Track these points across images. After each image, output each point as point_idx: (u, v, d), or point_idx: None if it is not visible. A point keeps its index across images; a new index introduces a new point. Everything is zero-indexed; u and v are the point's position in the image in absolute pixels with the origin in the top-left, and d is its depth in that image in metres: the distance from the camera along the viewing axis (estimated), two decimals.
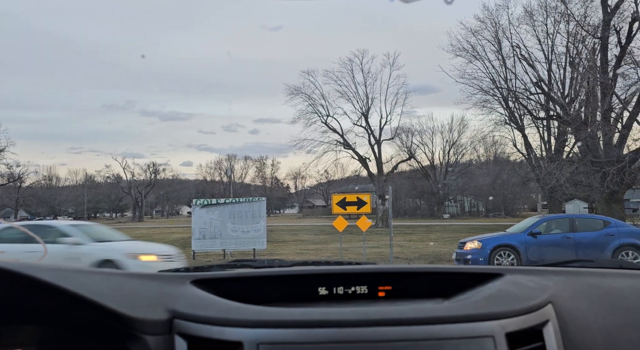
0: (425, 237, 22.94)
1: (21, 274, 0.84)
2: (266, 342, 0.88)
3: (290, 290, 1.13)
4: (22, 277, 0.84)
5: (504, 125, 28.87)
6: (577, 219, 11.38)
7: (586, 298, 1.08)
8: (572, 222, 10.99)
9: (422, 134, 53.97)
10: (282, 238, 23.80)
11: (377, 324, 0.90)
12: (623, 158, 15.21)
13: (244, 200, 14.92)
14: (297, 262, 1.39)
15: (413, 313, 0.93)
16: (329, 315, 0.92)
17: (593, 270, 1.29)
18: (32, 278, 0.84)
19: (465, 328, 0.90)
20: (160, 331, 0.92)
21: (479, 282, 1.14)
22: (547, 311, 0.99)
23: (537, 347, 0.94)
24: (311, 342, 0.88)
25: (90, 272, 0.99)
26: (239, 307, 0.96)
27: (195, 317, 0.94)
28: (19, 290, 0.87)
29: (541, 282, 1.12)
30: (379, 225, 33.77)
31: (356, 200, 12.31)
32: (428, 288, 1.15)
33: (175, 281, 1.10)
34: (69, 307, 0.89)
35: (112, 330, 0.91)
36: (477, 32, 24.56)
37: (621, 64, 16.56)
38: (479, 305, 0.97)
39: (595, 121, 16.34)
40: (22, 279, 0.84)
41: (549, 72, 23.43)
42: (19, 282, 0.85)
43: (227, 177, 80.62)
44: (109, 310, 0.88)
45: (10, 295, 0.87)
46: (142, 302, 0.96)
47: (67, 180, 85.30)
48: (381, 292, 1.15)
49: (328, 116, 39.38)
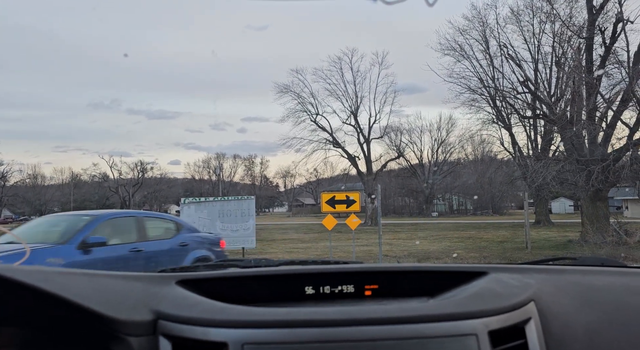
0: (414, 235, 23.09)
1: (1, 276, 0.83)
2: (251, 342, 0.88)
3: (276, 290, 1.14)
4: (1, 279, 0.83)
5: (491, 124, 29.20)
6: (147, 220, 7.46)
7: (568, 295, 1.11)
8: (140, 225, 7.13)
9: (411, 133, 54.35)
10: (272, 237, 23.77)
11: (362, 323, 0.91)
12: (607, 156, 15.43)
13: (233, 199, 14.87)
14: (284, 261, 1.40)
15: (398, 312, 0.94)
16: (313, 315, 0.93)
17: (575, 268, 1.31)
18: (12, 280, 0.83)
19: (448, 326, 0.92)
20: (144, 332, 0.92)
21: (464, 281, 1.16)
22: (529, 309, 1.01)
23: (520, 344, 0.95)
24: (296, 342, 0.88)
25: (73, 274, 0.99)
26: (224, 308, 0.96)
27: (180, 317, 0.94)
28: (4, 292, 0.86)
29: (524, 280, 1.14)
30: (368, 223, 33.89)
31: (345, 198, 12.34)
32: (414, 287, 1.17)
33: (160, 282, 1.10)
34: (51, 309, 0.88)
35: (96, 332, 0.90)
36: (465, 31, 24.73)
37: (605, 63, 16.80)
38: (463, 304, 0.98)
39: (581, 120, 16.56)
40: (2, 280, 0.83)
41: (536, 71, 23.72)
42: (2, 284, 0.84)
43: (215, 175, 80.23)
44: (92, 312, 0.87)
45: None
46: (126, 303, 0.95)
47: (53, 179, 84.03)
48: (368, 291, 1.16)
49: (317, 115, 39.43)
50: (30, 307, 0.89)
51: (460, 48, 25.30)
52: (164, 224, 7.97)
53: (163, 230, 7.74)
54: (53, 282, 0.88)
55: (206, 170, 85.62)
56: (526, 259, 4.43)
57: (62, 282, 0.91)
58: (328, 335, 0.89)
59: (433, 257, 13.40)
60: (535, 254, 13.82)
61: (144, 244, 6.90)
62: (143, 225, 7.22)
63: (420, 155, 57.37)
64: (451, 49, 25.51)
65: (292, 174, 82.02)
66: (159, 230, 7.66)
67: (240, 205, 14.40)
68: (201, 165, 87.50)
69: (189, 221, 14.33)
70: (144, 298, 1.00)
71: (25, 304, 0.88)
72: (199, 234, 8.34)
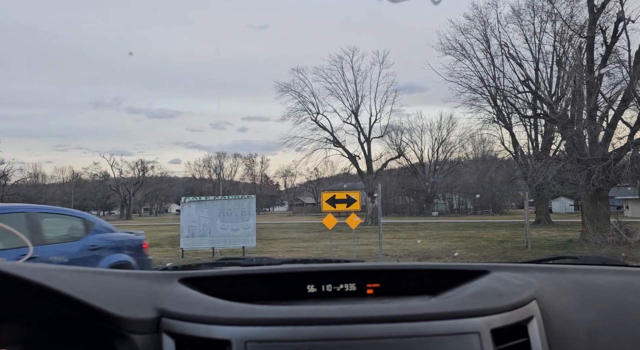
0: (414, 234, 23.08)
1: (6, 273, 0.83)
2: (254, 340, 0.88)
3: (279, 288, 1.14)
4: (6, 276, 0.84)
5: (492, 124, 29.15)
6: (43, 216, 5.91)
7: (569, 294, 1.11)
8: (34, 224, 5.61)
9: (412, 132, 54.31)
10: (272, 236, 23.77)
11: (364, 321, 0.91)
12: (608, 156, 15.43)
13: (234, 198, 14.87)
14: (285, 260, 1.40)
15: (400, 310, 0.95)
16: (316, 313, 0.93)
17: (576, 267, 1.31)
18: (17, 277, 0.84)
19: (450, 325, 0.92)
20: (148, 330, 0.92)
21: (466, 279, 1.16)
22: (531, 307, 1.01)
23: (522, 343, 0.96)
24: (299, 339, 0.88)
25: (76, 271, 0.99)
26: (226, 305, 0.97)
27: (183, 315, 0.94)
28: (4, 290, 0.86)
29: (526, 278, 1.14)
30: (368, 222, 33.89)
31: (346, 197, 12.34)
32: (416, 285, 1.17)
33: (163, 280, 1.11)
34: (55, 306, 0.88)
35: (99, 330, 0.91)
36: (466, 30, 24.69)
37: (606, 63, 16.77)
38: (465, 302, 0.98)
39: (582, 119, 16.55)
40: (7, 278, 0.84)
41: (536, 70, 23.69)
42: (3, 282, 0.84)
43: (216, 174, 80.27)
44: (96, 309, 0.88)
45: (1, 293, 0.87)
46: (129, 301, 0.95)
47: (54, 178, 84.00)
48: (369, 290, 1.16)
49: (318, 114, 39.37)
50: (34, 305, 0.89)
51: (461, 47, 25.26)
52: (68, 222, 6.36)
53: (66, 230, 6.29)
54: (57, 280, 0.88)
55: (207, 170, 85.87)
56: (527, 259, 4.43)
57: (66, 279, 0.91)
58: (331, 333, 0.89)
59: (433, 256, 13.40)
60: (536, 254, 13.81)
61: (39, 248, 5.28)
62: (38, 223, 5.65)
63: (420, 155, 57.42)
64: (452, 48, 25.47)
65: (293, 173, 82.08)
66: (61, 230, 6.25)
67: (240, 205, 14.40)
68: (202, 165, 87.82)
69: (189, 220, 14.41)
70: (146, 296, 1.00)
71: (29, 301, 0.89)
72: (115, 234, 6.83)
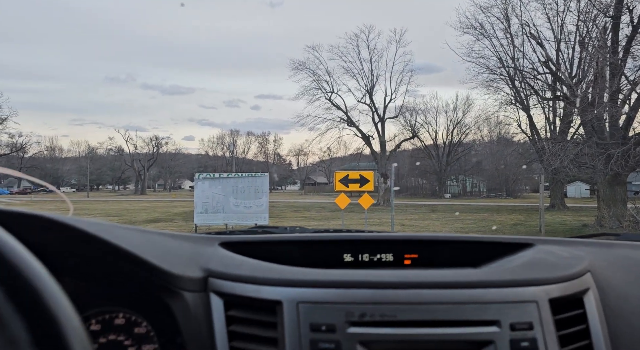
0: (427, 216, 23.03)
1: (69, 225, 0.83)
2: (306, 301, 0.87)
3: (315, 255, 1.13)
4: (66, 227, 0.83)
5: (509, 105, 28.63)
6: None
7: (622, 269, 1.09)
8: None
9: (426, 113, 53.64)
10: (284, 214, 23.92)
11: (417, 286, 0.89)
12: (628, 140, 15.07)
13: (247, 175, 14.92)
14: (318, 229, 1.38)
15: (452, 277, 0.92)
16: (367, 276, 0.91)
17: (623, 243, 1.28)
18: (76, 229, 0.84)
19: (507, 292, 0.89)
20: (197, 288, 0.92)
21: (508, 252, 1.13)
22: (586, 279, 0.99)
23: (578, 314, 0.94)
24: (351, 302, 0.87)
25: (126, 228, 0.99)
26: (275, 267, 0.96)
27: (230, 275, 0.93)
28: (64, 242, 0.86)
29: (574, 252, 1.11)
30: (380, 203, 33.87)
31: (359, 177, 12.28)
32: (455, 256, 1.15)
33: (204, 242, 1.10)
34: (112, 260, 0.88)
35: (153, 285, 0.91)
36: (487, 8, 23.97)
37: (632, 43, 16.22)
38: (518, 272, 0.96)
39: (603, 102, 16.12)
40: (67, 230, 0.84)
41: (557, 51, 23.01)
42: (66, 234, 0.84)
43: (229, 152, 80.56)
44: (150, 265, 0.88)
45: (58, 245, 0.87)
46: (178, 259, 0.95)
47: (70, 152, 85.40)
48: (407, 260, 1.14)
49: (332, 93, 39.04)
50: (93, 257, 0.89)
51: (481, 26, 24.61)
52: None
53: None
54: (115, 235, 0.88)
55: (220, 147, 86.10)
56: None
57: (122, 235, 0.90)
58: (384, 296, 0.88)
59: None
60: None
61: None
62: None
63: (435, 136, 56.75)
64: (471, 27, 24.83)
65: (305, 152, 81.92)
66: None
67: (254, 182, 14.45)
68: (215, 142, 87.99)
69: (203, 196, 14.50)
70: (193, 255, 1.00)
71: (87, 253, 0.88)
72: None
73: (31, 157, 68.42)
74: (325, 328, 0.84)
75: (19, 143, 59.02)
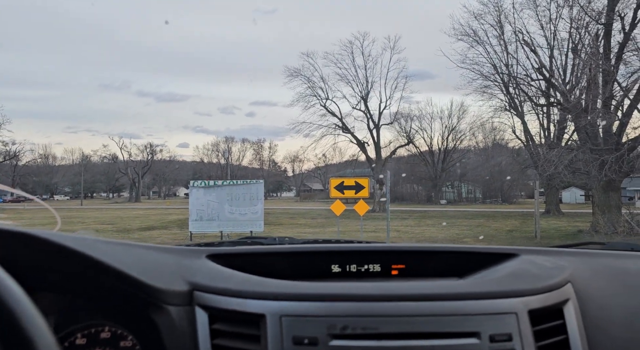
0: (422, 222, 23.03)
1: (49, 241, 0.83)
2: (289, 314, 0.88)
3: (303, 267, 1.13)
4: (50, 244, 0.83)
5: (503, 112, 28.81)
6: None
7: (603, 278, 1.09)
8: None
9: (421, 120, 53.86)
10: (280, 221, 23.85)
11: (399, 299, 0.91)
12: (622, 146, 15.18)
13: (242, 183, 14.88)
14: (307, 240, 1.39)
15: (434, 289, 0.93)
16: (351, 289, 0.92)
17: (607, 252, 1.29)
18: (59, 245, 0.83)
19: (487, 304, 0.91)
20: (182, 302, 0.92)
21: (493, 262, 1.14)
22: (567, 290, 1.00)
23: (558, 325, 0.94)
24: (334, 315, 0.88)
25: (110, 243, 0.98)
26: (260, 280, 0.97)
27: (215, 289, 0.93)
28: (48, 258, 0.85)
29: (558, 262, 1.12)
30: (376, 209, 33.87)
31: (354, 184, 12.28)
32: (442, 267, 1.16)
33: (191, 255, 1.10)
34: (94, 275, 0.88)
35: (137, 300, 0.90)
36: (480, 16, 24.18)
37: (624, 51, 16.38)
38: (500, 283, 0.97)
39: (596, 108, 16.24)
40: (51, 246, 0.83)
41: (551, 58, 23.24)
42: (46, 250, 0.84)
43: (224, 159, 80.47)
44: (133, 279, 0.87)
45: (38, 261, 0.86)
46: (162, 273, 0.95)
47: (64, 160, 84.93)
48: (394, 271, 1.15)
49: (327, 99, 39.14)
50: (75, 273, 0.89)
51: (474, 33, 24.81)
52: None
53: None
54: (96, 250, 0.87)
55: (215, 154, 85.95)
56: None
57: (105, 250, 0.90)
58: (366, 309, 0.89)
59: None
60: (545, 244, 13.69)
61: None
62: None
63: (430, 143, 56.95)
64: (465, 34, 25.03)
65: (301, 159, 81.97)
66: None
67: (249, 189, 14.41)
68: (210, 149, 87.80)
69: (198, 204, 14.45)
70: (178, 269, 1.00)
71: (70, 269, 0.88)
72: None
73: (25, 165, 67.99)
74: (307, 341, 0.85)
75: (13, 151, 58.71)
